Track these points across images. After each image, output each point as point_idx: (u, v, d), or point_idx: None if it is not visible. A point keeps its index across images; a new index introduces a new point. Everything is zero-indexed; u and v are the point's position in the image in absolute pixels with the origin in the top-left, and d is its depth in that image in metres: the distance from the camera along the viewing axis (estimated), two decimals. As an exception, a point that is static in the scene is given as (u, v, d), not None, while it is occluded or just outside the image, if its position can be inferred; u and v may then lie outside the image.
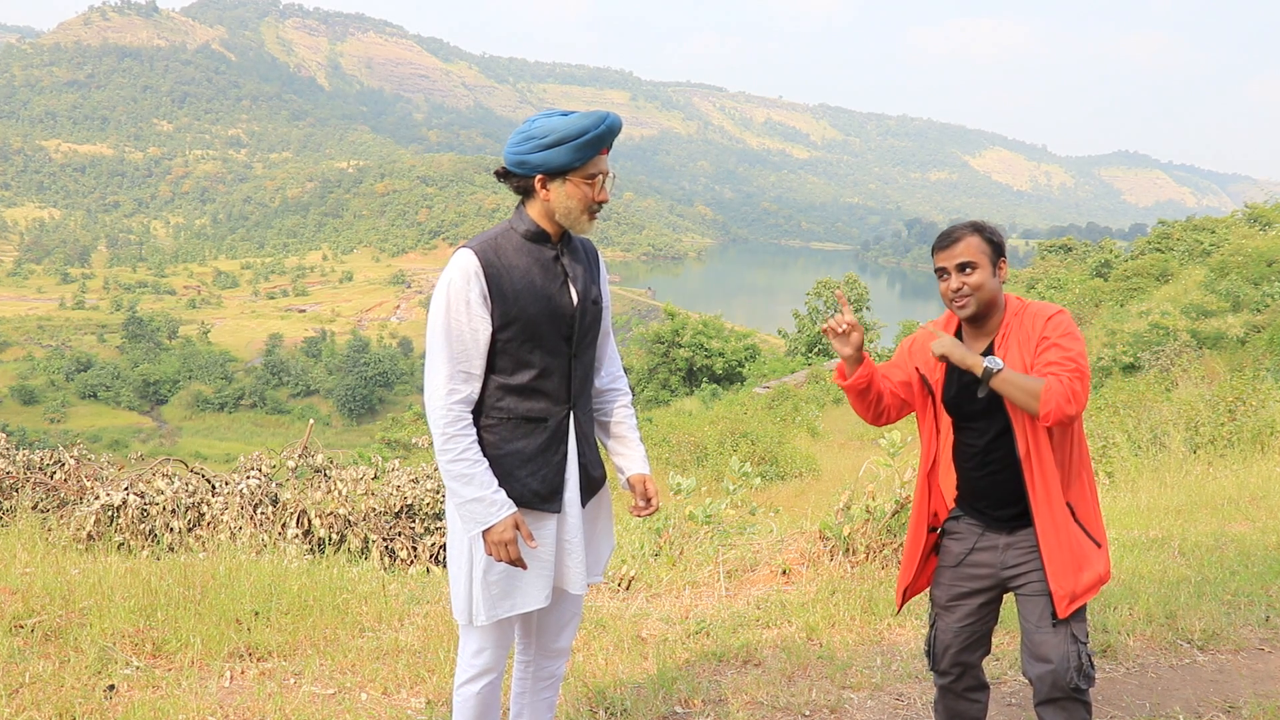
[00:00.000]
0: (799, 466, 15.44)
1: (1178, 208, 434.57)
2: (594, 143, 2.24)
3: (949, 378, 2.59)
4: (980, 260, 2.48)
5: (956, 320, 2.61)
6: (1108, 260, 40.49)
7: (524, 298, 2.27)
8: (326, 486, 5.29)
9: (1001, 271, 2.53)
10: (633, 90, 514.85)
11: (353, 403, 69.33)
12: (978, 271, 2.48)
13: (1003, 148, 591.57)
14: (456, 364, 2.25)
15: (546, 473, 2.33)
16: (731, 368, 41.05)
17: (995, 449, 2.53)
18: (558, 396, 2.35)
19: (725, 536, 5.14)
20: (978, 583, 2.61)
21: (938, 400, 2.63)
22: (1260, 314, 21.39)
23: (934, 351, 2.50)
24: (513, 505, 2.28)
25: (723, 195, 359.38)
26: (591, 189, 2.28)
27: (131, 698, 3.04)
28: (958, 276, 2.50)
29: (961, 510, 2.66)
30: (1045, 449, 2.46)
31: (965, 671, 2.69)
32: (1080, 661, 2.43)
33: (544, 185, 2.28)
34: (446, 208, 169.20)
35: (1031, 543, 2.52)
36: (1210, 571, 4.79)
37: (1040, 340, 2.43)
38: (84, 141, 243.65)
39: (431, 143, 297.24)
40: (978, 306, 2.50)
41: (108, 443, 47.94)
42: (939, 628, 2.69)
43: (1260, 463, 7.89)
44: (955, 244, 2.50)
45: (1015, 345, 2.48)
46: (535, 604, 2.35)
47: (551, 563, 2.37)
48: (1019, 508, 2.54)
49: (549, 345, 2.31)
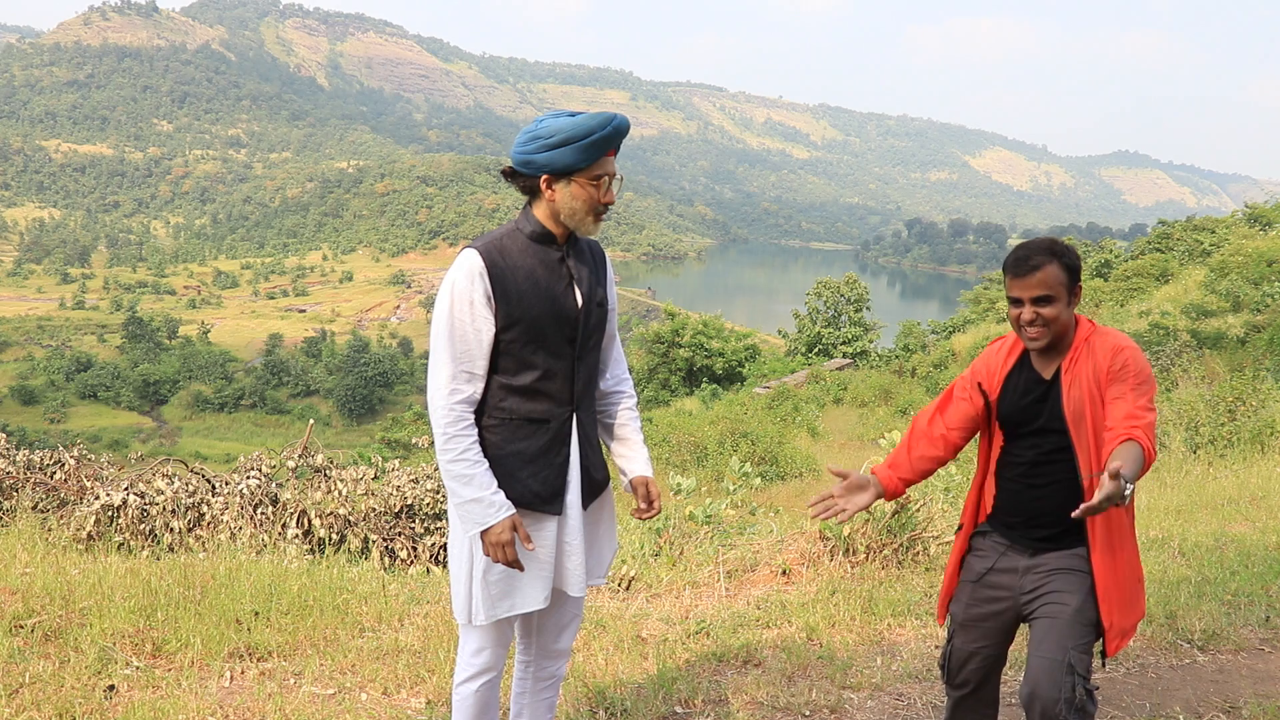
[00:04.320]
0: (799, 466, 15.43)
1: (1178, 208, 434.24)
2: (600, 144, 2.23)
3: (1005, 390, 2.51)
4: (1058, 292, 2.34)
5: (1021, 344, 2.50)
6: (1108, 260, 40.45)
7: (528, 299, 2.26)
8: (326, 486, 5.29)
9: (1076, 298, 2.40)
10: (633, 90, 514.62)
11: (353, 403, 69.26)
12: (1054, 304, 2.34)
13: (1003, 148, 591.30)
14: (459, 364, 2.25)
15: (548, 474, 2.33)
16: (731, 368, 41.01)
17: (1044, 464, 2.45)
18: (561, 398, 2.34)
19: (725, 536, 5.14)
20: (995, 605, 2.56)
21: (994, 412, 2.56)
22: (1260, 314, 21.36)
23: (1110, 498, 2.05)
24: (511, 507, 2.27)
25: (723, 195, 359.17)
26: (597, 190, 2.27)
27: (131, 698, 3.04)
28: (1031, 308, 2.35)
29: (990, 526, 2.60)
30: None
31: (980, 687, 2.65)
32: (1074, 694, 2.32)
33: (550, 186, 2.27)
34: (446, 208, 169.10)
35: (1051, 567, 2.45)
36: (1210, 571, 4.79)
37: (1115, 374, 2.32)
38: (84, 141, 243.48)
39: (431, 143, 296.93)
40: (1050, 339, 2.38)
41: (108, 443, 47.93)
42: (955, 643, 2.64)
43: (1260, 463, 7.89)
44: (1033, 273, 2.34)
45: (1086, 371, 2.36)
46: (534, 605, 2.35)
47: (551, 564, 2.36)
48: (1053, 530, 2.46)
49: (552, 347, 2.31)
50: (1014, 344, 2.54)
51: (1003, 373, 2.53)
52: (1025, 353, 2.51)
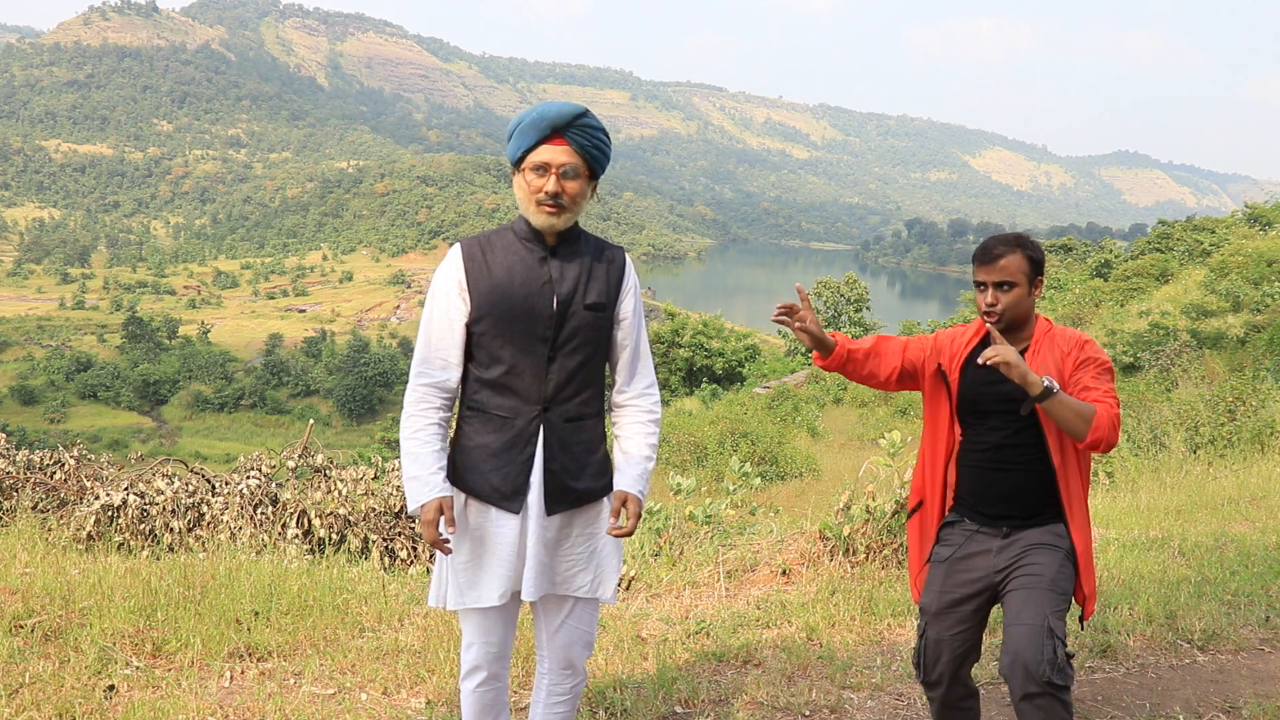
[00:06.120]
0: (799, 466, 15.45)
1: (1178, 208, 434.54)
2: (528, 130, 2.28)
3: (965, 372, 2.63)
4: (1019, 279, 2.56)
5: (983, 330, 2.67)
6: (1108, 260, 40.48)
7: (497, 293, 2.32)
8: (326, 486, 5.29)
9: (1037, 289, 2.60)
10: (633, 90, 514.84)
11: (353, 403, 69.26)
12: (1015, 290, 2.56)
13: (1003, 148, 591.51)
14: (431, 349, 2.36)
15: (509, 471, 2.34)
16: (731, 368, 41.04)
17: (1009, 447, 2.58)
18: (528, 396, 2.34)
19: (725, 536, 5.14)
20: (969, 588, 2.63)
21: (953, 396, 2.67)
22: (1260, 314, 21.38)
23: (993, 358, 2.41)
24: (446, 490, 2.30)
25: (723, 195, 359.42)
26: (538, 180, 2.29)
27: (131, 698, 3.04)
28: (994, 292, 2.57)
29: (958, 514, 2.69)
30: (1072, 458, 2.56)
31: (954, 681, 2.70)
32: (1055, 656, 2.41)
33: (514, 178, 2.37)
34: (446, 208, 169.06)
35: (1027, 543, 2.57)
36: (1210, 571, 4.79)
37: (1080, 361, 2.53)
38: (84, 141, 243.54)
39: (431, 143, 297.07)
40: (1008, 322, 2.58)
41: (108, 443, 48.01)
42: (929, 637, 2.68)
43: (1260, 463, 7.89)
44: (997, 260, 2.56)
45: (1048, 359, 2.55)
46: (489, 601, 2.36)
47: (510, 564, 2.35)
48: (1028, 511, 2.58)
49: (520, 343, 2.32)
50: (977, 330, 2.69)
51: (964, 355, 2.67)
52: (987, 339, 2.65)
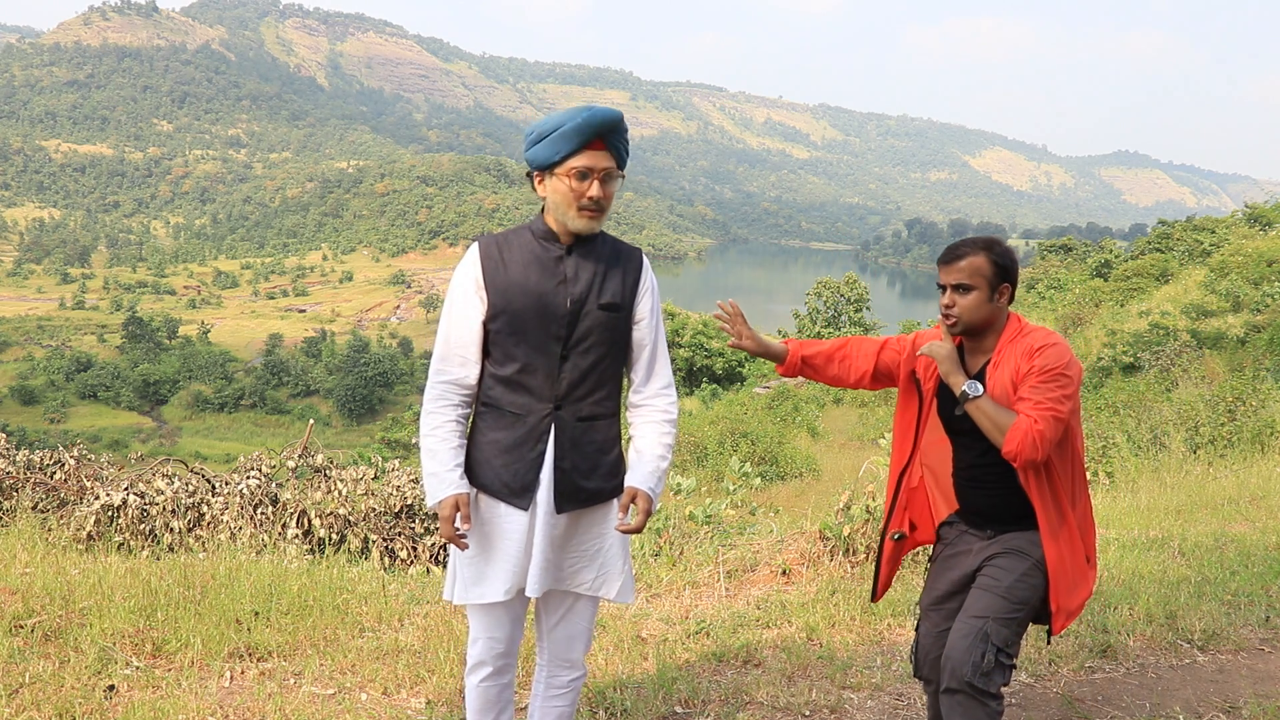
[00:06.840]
0: (799, 466, 15.46)
1: (1178, 208, 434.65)
2: (570, 135, 2.26)
3: (941, 388, 2.58)
4: (978, 283, 2.44)
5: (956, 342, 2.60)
6: (1108, 260, 40.45)
7: (513, 291, 2.33)
8: (326, 486, 5.29)
9: (1002, 296, 2.46)
10: (633, 90, 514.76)
11: (353, 403, 69.24)
12: (972, 294, 2.44)
13: (1003, 148, 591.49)
14: (450, 347, 2.39)
15: (519, 467, 2.36)
16: (731, 368, 41.06)
17: (980, 466, 2.52)
18: (541, 394, 2.36)
19: (725, 536, 5.14)
20: (953, 585, 2.64)
21: (926, 405, 2.62)
22: (1260, 314, 21.36)
23: (929, 352, 2.48)
24: (463, 487, 2.33)
25: (723, 195, 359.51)
26: (580, 185, 2.29)
27: (131, 698, 3.04)
28: (951, 294, 2.46)
29: (956, 517, 2.69)
30: (1055, 473, 2.43)
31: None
32: (982, 660, 2.37)
33: (541, 182, 2.35)
34: (446, 208, 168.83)
35: (1003, 545, 2.53)
36: (1210, 571, 4.79)
37: (1027, 371, 2.37)
38: (84, 141, 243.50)
39: (431, 143, 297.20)
40: (965, 327, 2.47)
41: (108, 443, 47.97)
42: (921, 632, 2.72)
43: (1260, 463, 7.89)
44: (957, 261, 2.46)
45: (1008, 369, 2.42)
46: (494, 596, 2.38)
47: (517, 560, 2.37)
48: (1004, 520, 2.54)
49: (534, 341, 2.34)
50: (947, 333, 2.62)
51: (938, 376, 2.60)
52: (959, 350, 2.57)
